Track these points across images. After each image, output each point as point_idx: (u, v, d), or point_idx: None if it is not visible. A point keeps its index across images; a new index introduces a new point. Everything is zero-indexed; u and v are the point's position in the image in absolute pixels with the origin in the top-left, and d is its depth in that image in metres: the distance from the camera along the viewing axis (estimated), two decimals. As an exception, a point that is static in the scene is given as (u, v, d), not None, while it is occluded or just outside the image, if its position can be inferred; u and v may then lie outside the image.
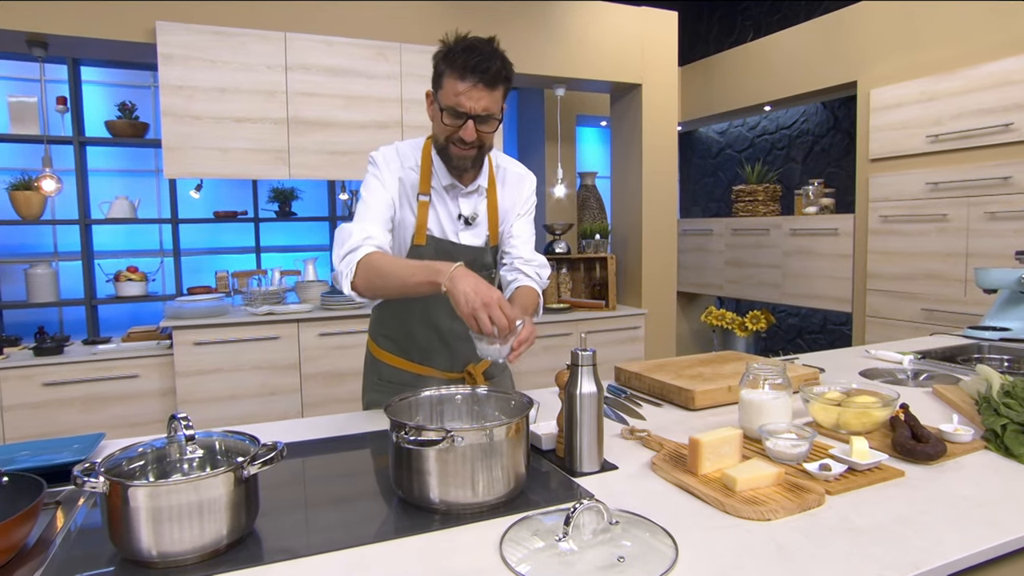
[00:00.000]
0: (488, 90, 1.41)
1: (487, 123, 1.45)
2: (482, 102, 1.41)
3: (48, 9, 2.85)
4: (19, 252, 3.86)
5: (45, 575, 0.89)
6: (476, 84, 1.39)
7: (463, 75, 1.39)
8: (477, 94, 1.40)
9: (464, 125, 1.43)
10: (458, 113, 1.42)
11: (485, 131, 1.46)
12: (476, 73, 1.38)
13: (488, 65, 1.38)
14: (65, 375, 2.90)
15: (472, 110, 1.41)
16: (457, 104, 1.41)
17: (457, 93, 1.40)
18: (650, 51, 4.11)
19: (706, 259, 5.09)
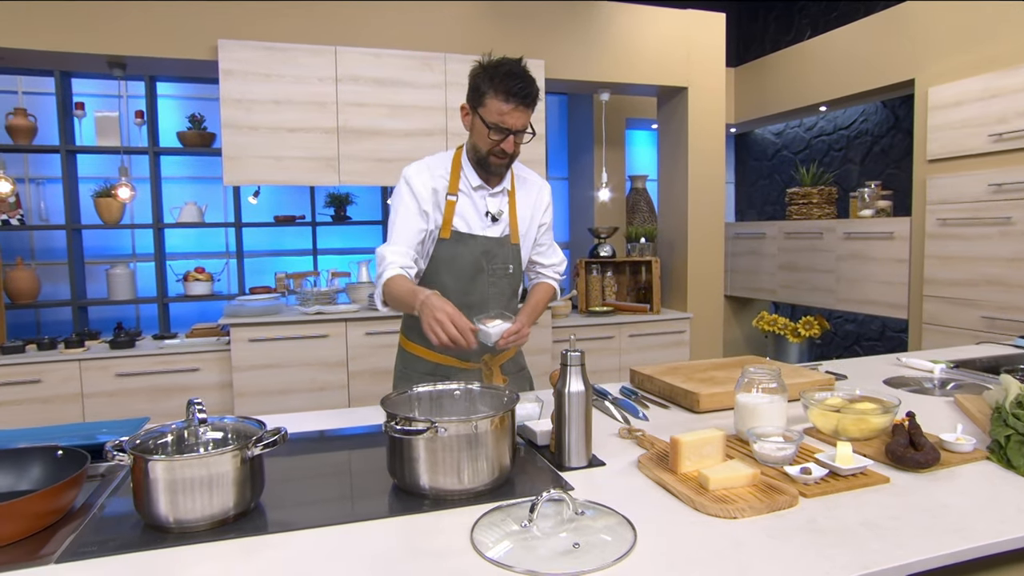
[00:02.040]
0: (527, 110, 1.64)
1: (523, 136, 1.69)
2: (521, 120, 1.64)
3: (125, 33, 3.12)
4: (102, 254, 4.22)
5: (82, 534, 1.02)
6: (518, 106, 1.61)
7: (507, 98, 1.60)
8: (518, 114, 1.63)
9: (506, 139, 1.66)
10: (502, 130, 1.64)
11: (521, 143, 1.70)
12: (519, 97, 1.60)
13: (529, 91, 1.62)
14: (135, 367, 3.17)
15: (514, 127, 1.64)
16: (501, 122, 1.62)
17: (502, 113, 1.62)
18: (696, 54, 4.08)
19: (759, 263, 4.99)
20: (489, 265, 1.80)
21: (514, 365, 1.95)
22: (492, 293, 1.81)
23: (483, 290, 1.80)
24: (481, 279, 1.79)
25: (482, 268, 1.79)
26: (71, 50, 3.07)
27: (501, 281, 1.83)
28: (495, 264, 1.81)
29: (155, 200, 4.03)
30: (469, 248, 1.77)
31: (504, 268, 1.82)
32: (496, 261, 1.80)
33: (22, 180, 4.02)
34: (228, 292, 4.35)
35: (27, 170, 4.08)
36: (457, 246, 1.77)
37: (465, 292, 1.79)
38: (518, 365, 1.98)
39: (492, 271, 1.81)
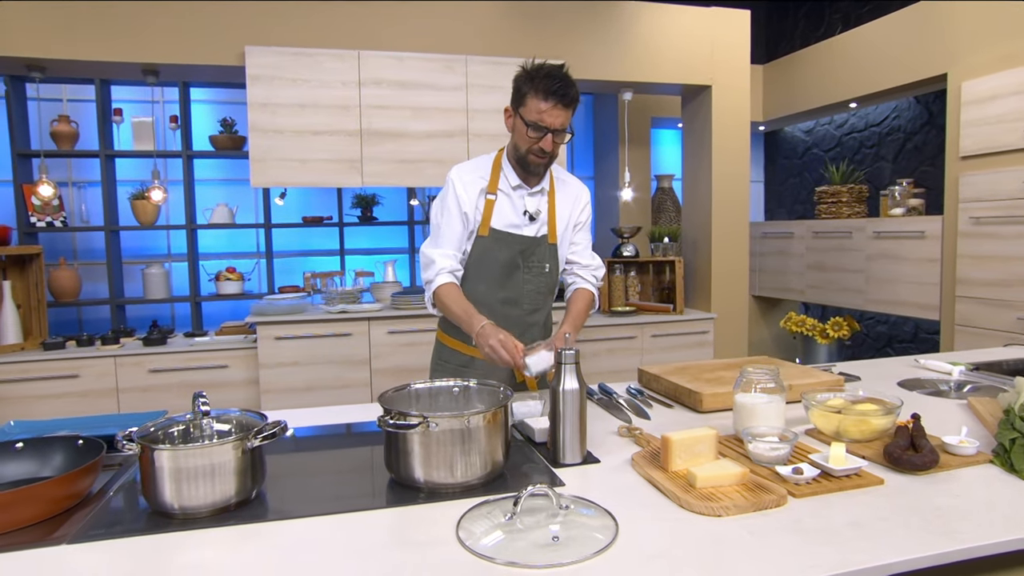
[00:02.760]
0: (565, 109, 1.69)
1: (561, 136, 1.73)
2: (560, 119, 1.69)
3: (157, 42, 3.24)
4: (139, 254, 4.38)
5: (93, 518, 1.09)
6: (556, 104, 1.67)
7: (546, 97, 1.66)
8: (557, 112, 1.68)
9: (544, 137, 1.70)
10: (540, 128, 1.69)
11: (559, 143, 1.74)
12: (557, 96, 1.66)
13: (567, 91, 1.67)
14: (167, 363, 3.29)
15: (552, 125, 1.69)
16: (540, 120, 1.68)
17: (540, 111, 1.67)
18: (720, 51, 4.04)
19: (787, 263, 4.91)
20: (525, 263, 1.84)
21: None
22: (528, 290, 1.86)
23: (519, 287, 1.85)
24: (517, 276, 1.84)
25: (518, 265, 1.84)
26: (107, 59, 3.20)
27: (537, 279, 1.87)
28: (531, 262, 1.85)
29: (188, 202, 4.16)
30: (507, 245, 1.82)
31: (540, 267, 1.87)
32: (533, 259, 1.85)
33: (65, 184, 4.20)
34: (258, 291, 4.46)
35: (70, 174, 4.26)
36: (495, 244, 1.82)
37: (502, 287, 1.84)
38: None
39: (528, 268, 1.85)
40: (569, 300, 1.96)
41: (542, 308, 1.92)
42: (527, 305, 1.87)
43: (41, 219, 3.85)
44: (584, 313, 1.93)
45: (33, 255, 3.38)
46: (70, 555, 0.96)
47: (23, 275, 3.42)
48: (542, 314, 1.93)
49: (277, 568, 0.92)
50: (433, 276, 1.78)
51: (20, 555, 0.96)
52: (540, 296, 1.89)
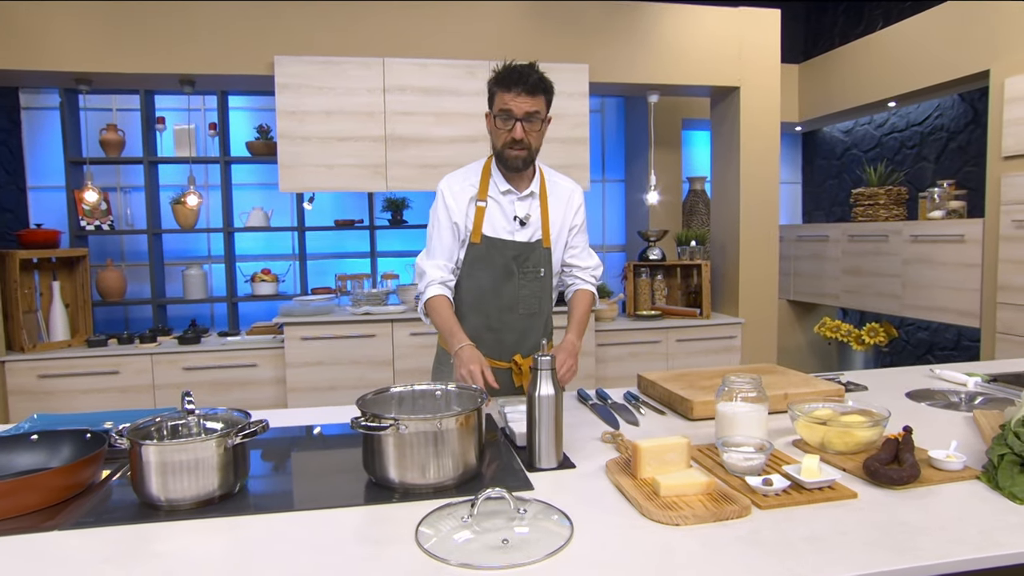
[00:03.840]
0: (529, 96, 1.72)
1: (531, 121, 1.74)
2: (524, 106, 1.72)
3: (192, 54, 3.40)
4: (180, 256, 4.57)
5: (89, 506, 1.16)
6: (520, 92, 1.71)
7: (508, 87, 1.73)
8: (521, 100, 1.72)
9: (513, 126, 1.74)
10: (507, 116, 1.74)
11: (531, 129, 1.76)
12: (519, 84, 1.71)
13: (527, 77, 1.72)
14: (200, 361, 3.43)
15: (518, 112, 1.72)
16: (505, 108, 1.73)
17: (505, 102, 1.73)
18: (749, 52, 3.96)
19: (822, 267, 4.77)
20: (520, 269, 1.86)
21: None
22: (523, 295, 1.88)
23: (514, 292, 1.87)
24: (512, 281, 1.86)
25: (513, 271, 1.85)
26: (147, 71, 3.37)
27: (532, 283, 1.89)
28: (526, 267, 1.87)
29: (225, 206, 4.32)
30: (499, 252, 1.84)
31: (535, 271, 1.88)
32: (527, 265, 1.87)
33: (113, 189, 4.43)
34: (293, 292, 4.60)
35: (119, 180, 4.48)
36: (487, 250, 1.84)
37: (497, 294, 1.86)
38: None
39: (523, 274, 1.87)
40: (571, 303, 1.98)
41: (539, 312, 1.92)
42: (523, 310, 1.88)
43: (90, 223, 4.07)
44: (587, 315, 1.97)
45: (80, 257, 3.58)
46: (59, 540, 1.04)
47: (71, 276, 3.63)
48: (539, 318, 1.94)
49: (242, 557, 0.97)
50: (424, 288, 1.83)
51: (14, 539, 1.04)
52: (535, 300, 1.90)
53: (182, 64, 3.40)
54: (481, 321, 1.90)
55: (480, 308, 1.88)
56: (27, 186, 4.28)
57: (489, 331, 1.90)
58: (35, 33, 3.29)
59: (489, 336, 1.90)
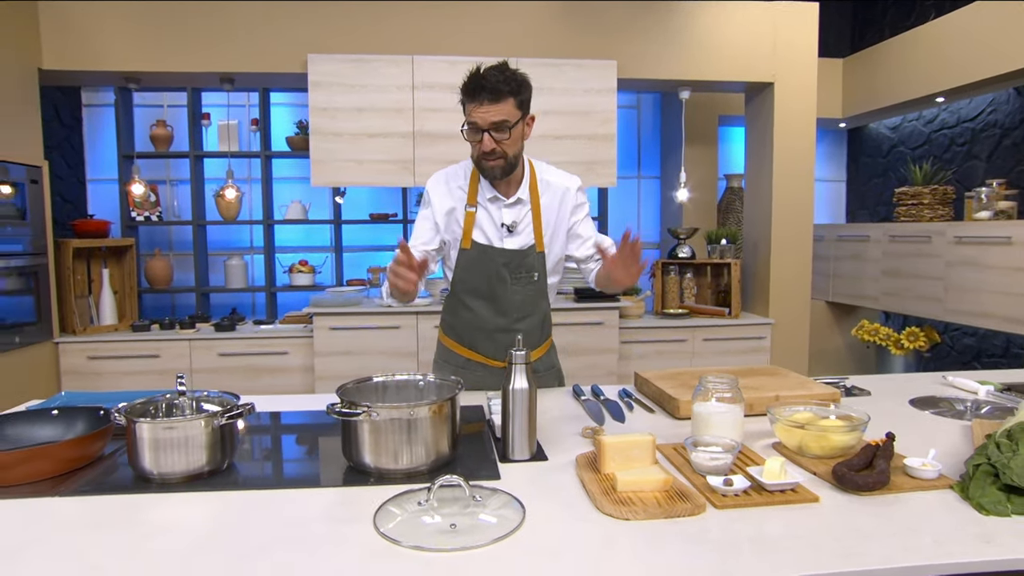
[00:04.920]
0: (493, 104, 1.62)
1: (500, 130, 1.65)
2: (490, 115, 1.63)
3: (231, 53, 3.55)
4: (223, 246, 4.77)
5: (91, 477, 1.26)
6: (483, 101, 1.62)
7: (471, 96, 1.65)
8: (484, 109, 1.63)
9: (482, 138, 1.65)
10: (475, 128, 1.66)
11: (501, 138, 1.66)
12: (481, 92, 1.62)
13: (487, 83, 1.61)
14: (234, 348, 3.59)
15: (483, 122, 1.64)
16: (471, 121, 1.66)
17: (470, 113, 1.66)
18: (784, 47, 3.87)
19: (862, 268, 4.62)
20: (512, 275, 1.83)
21: (544, 363, 2.00)
22: (517, 300, 1.85)
23: (507, 297, 1.84)
24: (504, 287, 1.83)
25: (504, 278, 1.82)
26: (189, 70, 3.55)
27: (526, 288, 1.85)
28: (519, 273, 1.83)
29: (266, 199, 4.49)
30: (489, 258, 1.81)
31: (529, 276, 1.84)
32: (520, 271, 1.83)
33: (163, 182, 4.66)
34: (330, 284, 4.75)
35: (168, 173, 4.72)
36: (478, 257, 1.81)
37: (490, 298, 1.85)
38: (548, 363, 2.02)
39: (516, 279, 1.83)
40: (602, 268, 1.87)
41: (532, 314, 1.89)
42: (515, 314, 1.86)
43: (140, 214, 4.30)
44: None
45: (127, 246, 3.79)
46: (58, 505, 1.13)
47: (120, 264, 3.85)
48: (533, 320, 1.90)
49: (214, 527, 1.04)
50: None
51: (21, 501, 1.15)
52: (530, 304, 1.87)
53: (221, 63, 3.56)
54: (476, 324, 1.89)
55: (475, 311, 1.87)
56: (86, 179, 4.56)
57: (482, 332, 1.89)
58: (89, 34, 3.50)
59: (484, 338, 1.90)
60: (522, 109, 1.68)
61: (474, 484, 1.13)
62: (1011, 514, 1.05)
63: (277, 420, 1.70)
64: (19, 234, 3.31)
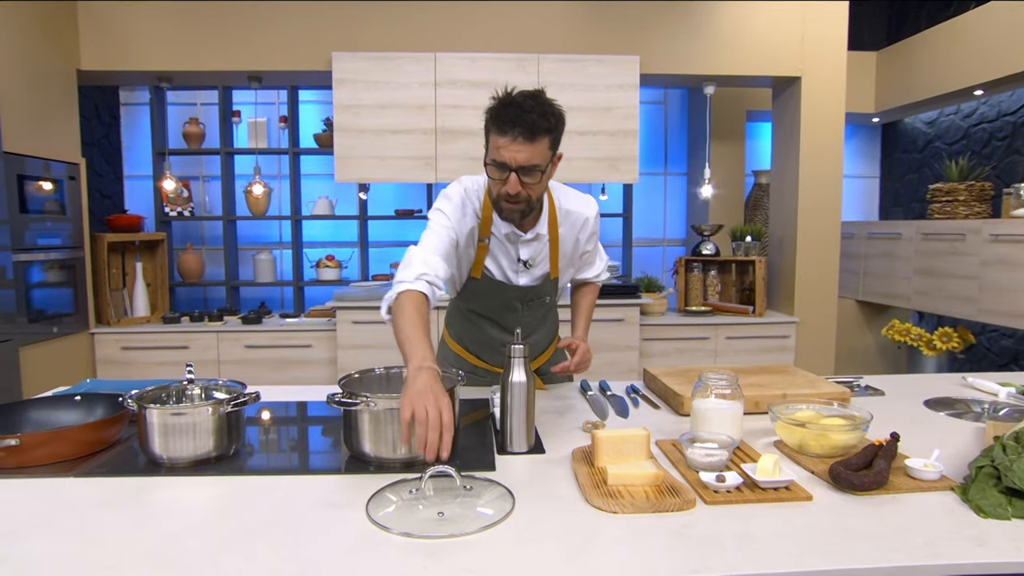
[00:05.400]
0: (528, 143, 1.41)
1: (530, 175, 1.46)
2: (522, 154, 1.42)
3: (258, 52, 3.63)
4: (253, 241, 4.89)
5: (106, 459, 1.32)
6: (516, 138, 1.41)
7: (504, 130, 1.42)
8: (517, 147, 1.42)
9: (508, 179, 1.46)
10: (501, 166, 1.45)
11: (529, 182, 1.47)
12: (516, 127, 1.40)
13: (525, 117, 1.40)
14: (260, 340, 3.68)
15: (513, 162, 1.43)
16: (499, 157, 1.45)
17: (499, 147, 1.44)
18: (812, 40, 3.79)
19: (893, 266, 4.50)
20: (525, 304, 1.76)
21: (553, 363, 1.96)
22: (526, 322, 1.80)
23: (516, 320, 1.78)
24: (515, 314, 1.77)
25: (516, 308, 1.76)
26: (218, 68, 3.64)
27: (537, 311, 1.81)
28: (531, 301, 1.76)
29: (294, 195, 4.59)
30: (502, 292, 1.72)
31: (541, 302, 1.78)
32: (533, 300, 1.76)
33: (196, 178, 4.79)
34: (356, 279, 4.82)
35: (201, 170, 4.85)
36: (490, 288, 1.71)
37: (498, 321, 1.79)
38: (556, 362, 2.00)
39: (527, 305, 1.77)
40: (578, 297, 1.91)
41: (541, 328, 1.87)
42: (524, 331, 1.74)
43: (173, 209, 4.43)
44: (592, 308, 1.91)
45: (159, 240, 3.91)
46: (71, 485, 1.19)
47: (152, 258, 3.97)
48: (542, 332, 1.88)
49: (215, 509, 1.08)
50: (403, 278, 1.45)
51: (37, 481, 1.21)
52: (537, 321, 1.84)
53: (249, 62, 3.64)
54: (483, 339, 1.84)
55: (481, 329, 1.82)
56: (124, 175, 4.72)
57: (489, 347, 1.85)
58: (125, 35, 3.62)
59: (491, 350, 1.85)
60: (554, 148, 1.50)
61: (467, 475, 1.15)
62: (1011, 517, 1.03)
63: (287, 410, 1.75)
64: (59, 228, 3.45)
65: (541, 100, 1.45)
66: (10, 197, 3.05)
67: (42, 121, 3.33)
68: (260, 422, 1.64)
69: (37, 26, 3.30)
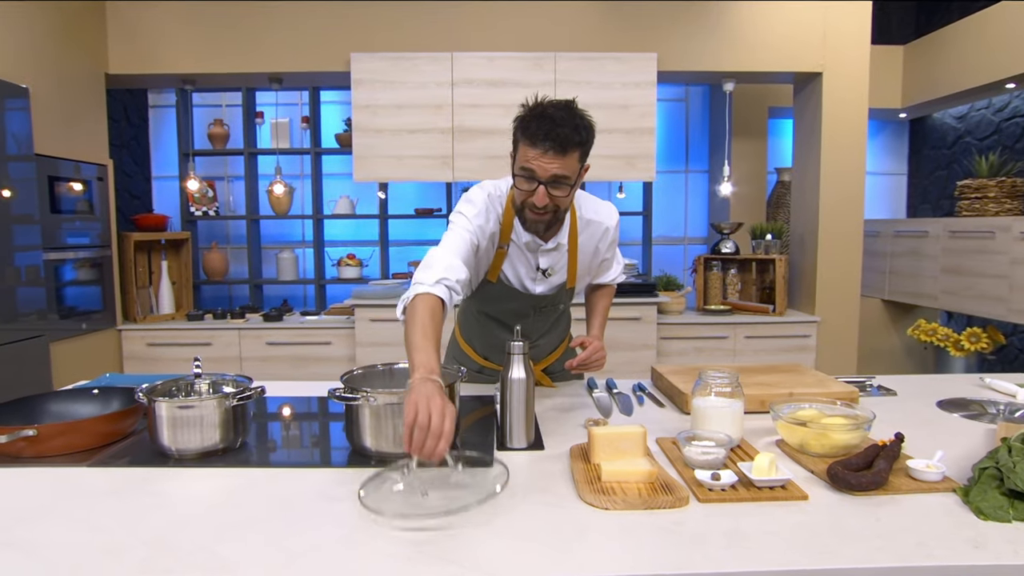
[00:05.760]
0: (559, 156, 1.41)
1: (559, 187, 1.46)
2: (552, 167, 1.42)
3: (278, 53, 3.70)
4: (276, 240, 4.97)
5: (119, 450, 1.36)
6: (547, 151, 1.41)
7: (534, 142, 1.42)
8: (548, 160, 1.42)
9: (536, 190, 1.46)
10: (530, 178, 1.45)
11: (558, 195, 1.47)
12: (547, 140, 1.40)
13: (558, 131, 1.40)
14: (281, 338, 3.75)
15: (543, 174, 1.43)
16: (527, 166, 1.44)
17: (528, 159, 1.43)
18: (833, 35, 3.72)
19: (920, 265, 4.40)
20: (538, 311, 1.76)
21: (563, 362, 1.94)
22: (538, 327, 1.80)
23: (530, 325, 1.77)
24: (527, 320, 1.76)
25: (529, 314, 1.75)
26: (240, 71, 3.71)
27: (550, 317, 1.81)
28: (545, 308, 1.76)
29: (316, 194, 4.66)
30: (516, 298, 1.71)
31: (554, 308, 1.78)
32: (547, 307, 1.76)
33: (221, 178, 4.89)
34: (376, 277, 4.88)
35: (226, 170, 4.95)
36: (505, 293, 1.71)
37: (507, 324, 1.77)
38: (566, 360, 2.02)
39: (541, 312, 1.77)
40: (593, 298, 1.91)
41: (552, 331, 1.87)
42: (534, 336, 1.81)
43: (198, 209, 4.53)
44: (608, 307, 1.90)
45: (183, 239, 4.00)
46: (82, 474, 1.23)
47: (177, 256, 4.07)
48: (552, 335, 1.88)
49: (218, 499, 1.12)
50: (423, 280, 1.41)
51: (51, 470, 1.25)
52: (547, 326, 1.83)
53: (269, 63, 3.71)
54: (492, 342, 1.84)
55: (492, 332, 1.82)
56: (152, 175, 4.84)
57: (494, 348, 1.85)
58: (150, 40, 3.72)
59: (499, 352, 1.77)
60: (583, 160, 1.49)
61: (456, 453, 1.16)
62: (1012, 520, 1.01)
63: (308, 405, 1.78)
64: (88, 228, 3.55)
65: (574, 112, 1.44)
66: (41, 198, 3.15)
67: (72, 124, 3.43)
68: (269, 416, 1.68)
69: (68, 32, 3.40)
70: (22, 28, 3.09)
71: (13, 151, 2.94)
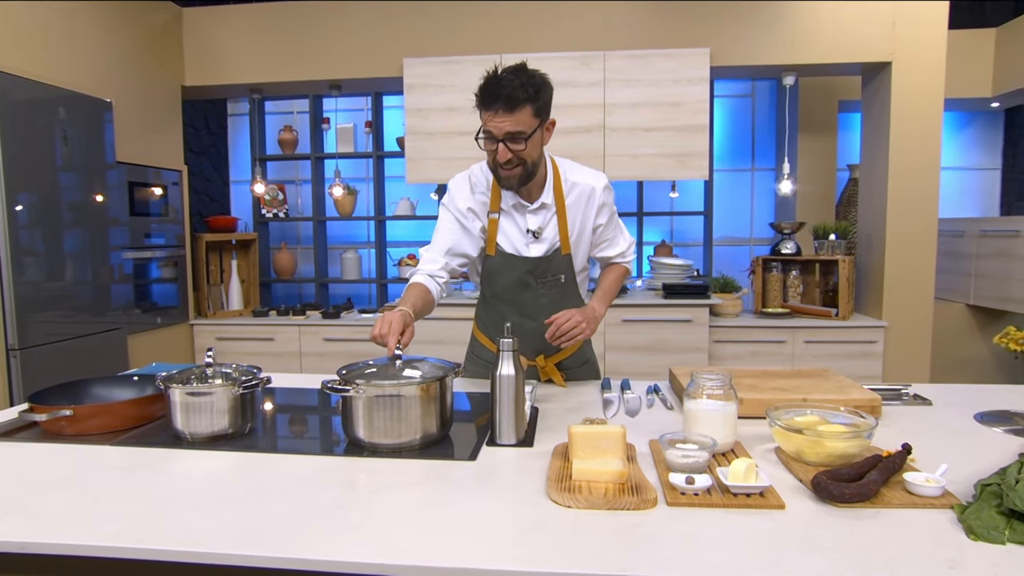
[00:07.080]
0: (509, 113, 1.56)
1: (516, 142, 1.60)
2: (504, 125, 1.58)
3: (337, 61, 3.86)
4: (342, 241, 5.18)
5: (141, 432, 1.48)
6: (498, 111, 1.57)
7: (487, 104, 1.59)
8: (499, 119, 1.58)
9: (498, 147, 1.61)
10: (490, 138, 1.62)
11: (517, 149, 1.61)
12: (497, 101, 1.56)
13: (500, 90, 1.55)
14: (338, 334, 3.91)
15: (498, 132, 1.59)
16: (487, 131, 1.61)
17: (486, 121, 1.61)
18: (905, 21, 3.48)
19: (1010, 267, 4.04)
20: (538, 280, 1.82)
21: (576, 360, 1.99)
22: (543, 303, 1.84)
23: (533, 301, 1.84)
24: (530, 291, 1.83)
25: (529, 284, 1.82)
26: (303, 79, 3.91)
27: (552, 291, 1.84)
28: (544, 277, 1.82)
29: (378, 197, 4.82)
30: (514, 265, 1.80)
31: (555, 279, 1.83)
32: (545, 275, 1.82)
33: (292, 182, 5.15)
34: (433, 276, 4.98)
35: (296, 174, 5.21)
36: (503, 263, 1.81)
37: (516, 303, 1.85)
38: (581, 359, 2.00)
39: (542, 283, 1.83)
40: (602, 275, 1.95)
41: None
42: (543, 316, 1.80)
43: (268, 211, 4.79)
44: (616, 285, 1.92)
45: (252, 240, 4.25)
46: (102, 452, 1.35)
47: (246, 256, 4.32)
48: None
49: (215, 478, 1.20)
50: (413, 272, 1.79)
51: (78, 447, 1.38)
52: (555, 305, 1.83)
53: (329, 71, 3.88)
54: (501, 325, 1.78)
55: (502, 315, 1.86)
56: (229, 180, 5.16)
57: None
58: (221, 52, 3.97)
59: None
60: (540, 116, 1.62)
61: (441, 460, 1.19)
62: (1006, 542, 0.93)
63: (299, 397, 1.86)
64: (164, 229, 3.84)
65: (520, 71, 1.59)
66: (124, 201, 3.45)
67: (150, 133, 3.72)
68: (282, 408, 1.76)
69: (147, 47, 3.69)
70: (107, 46, 3.39)
71: (108, 159, 3.26)
